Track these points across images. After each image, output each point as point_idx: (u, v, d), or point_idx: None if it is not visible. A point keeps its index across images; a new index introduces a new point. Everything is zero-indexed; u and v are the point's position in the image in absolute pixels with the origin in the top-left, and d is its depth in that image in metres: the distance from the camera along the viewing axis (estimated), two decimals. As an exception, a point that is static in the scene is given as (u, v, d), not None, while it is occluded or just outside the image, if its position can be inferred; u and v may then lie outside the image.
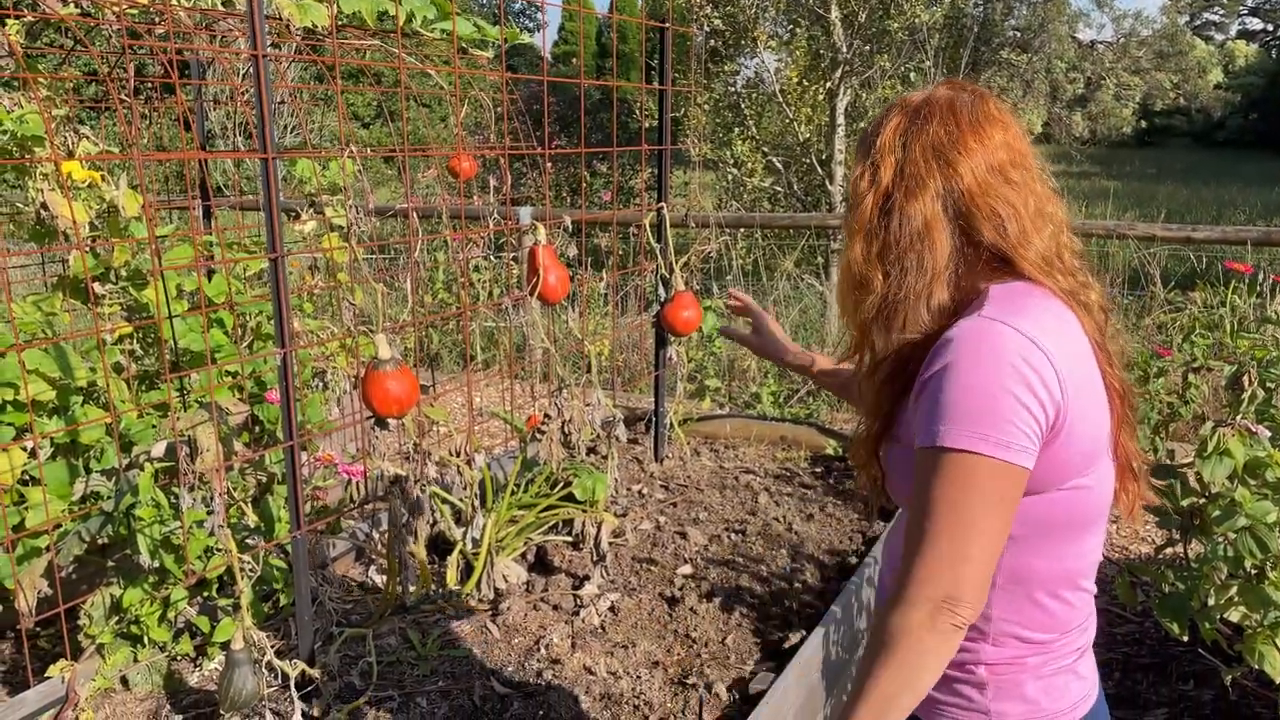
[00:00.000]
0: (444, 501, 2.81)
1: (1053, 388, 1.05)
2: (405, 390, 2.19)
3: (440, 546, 2.90)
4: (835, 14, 7.63)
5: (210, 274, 3.27)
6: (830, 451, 3.66)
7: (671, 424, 3.64)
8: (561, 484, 3.10)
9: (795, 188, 8.13)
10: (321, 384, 3.54)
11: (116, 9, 2.87)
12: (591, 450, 3.64)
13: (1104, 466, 1.16)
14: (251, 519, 2.39)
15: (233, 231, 3.83)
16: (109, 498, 2.30)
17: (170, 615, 2.24)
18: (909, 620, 1.04)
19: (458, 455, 2.75)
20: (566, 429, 2.92)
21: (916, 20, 7.43)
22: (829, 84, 7.75)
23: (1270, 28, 50.83)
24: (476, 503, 2.70)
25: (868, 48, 7.68)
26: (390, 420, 2.26)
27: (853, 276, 1.19)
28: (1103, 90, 30.04)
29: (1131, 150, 36.04)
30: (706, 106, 8.00)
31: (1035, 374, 1.04)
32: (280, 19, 3.10)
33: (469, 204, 5.61)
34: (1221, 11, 50.01)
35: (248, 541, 2.37)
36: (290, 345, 2.01)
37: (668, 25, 3.22)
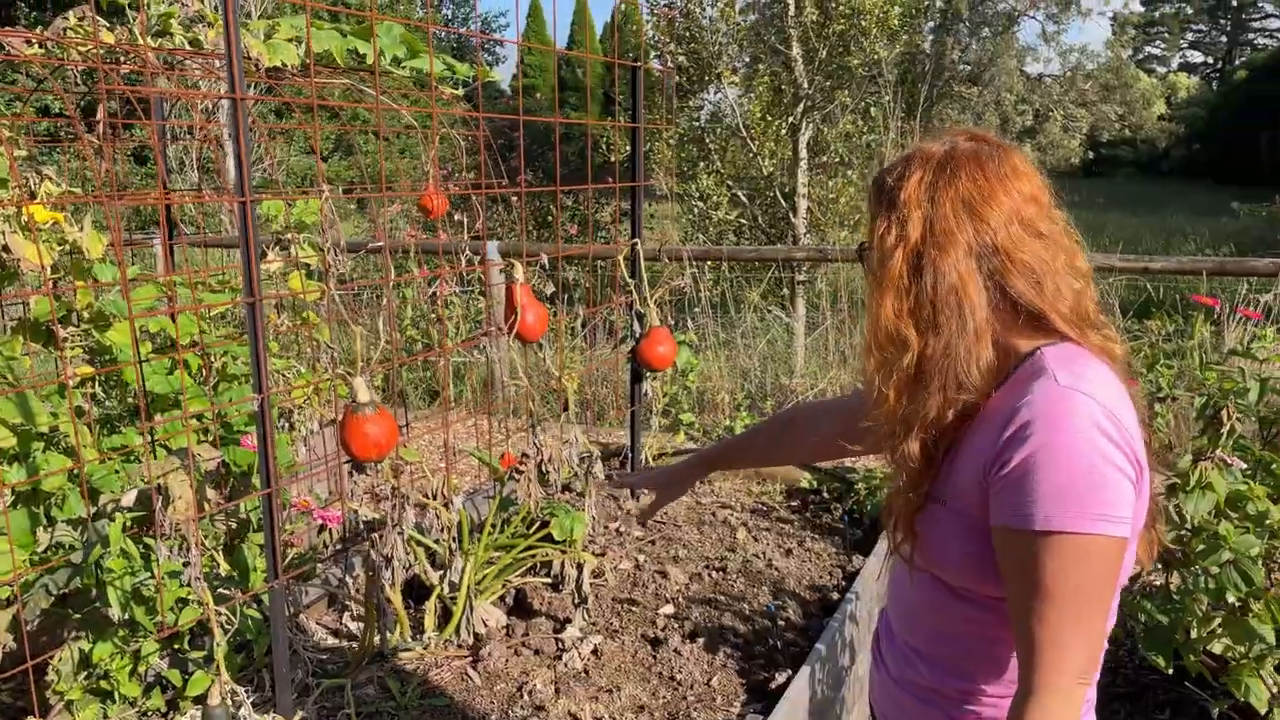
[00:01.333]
0: (419, 544, 2.77)
1: (1134, 454, 1.04)
2: (385, 433, 2.16)
3: (415, 591, 2.85)
4: (796, 50, 7.76)
5: (173, 315, 3.21)
6: (805, 485, 3.66)
7: (646, 459, 3.62)
8: (538, 523, 3.06)
9: (760, 220, 8.22)
10: (287, 425, 3.50)
11: (83, 49, 2.84)
12: (566, 488, 3.62)
13: None
14: (223, 568, 2.33)
15: (195, 271, 3.77)
16: (76, 548, 2.23)
17: (141, 669, 2.17)
18: (1053, 706, 1.04)
19: (433, 497, 2.71)
20: (544, 467, 2.89)
21: (876, 56, 7.58)
22: (791, 119, 7.87)
23: (1210, 60, 52.53)
24: (454, 545, 2.66)
25: (828, 83, 7.81)
26: (368, 464, 2.23)
27: (884, 333, 1.15)
28: (1050, 122, 30.77)
29: (1079, 180, 36.85)
30: (672, 141, 8.07)
31: (1124, 443, 1.03)
32: (250, 58, 3.08)
33: (434, 240, 5.59)
34: (1163, 45, 51.59)
35: (222, 592, 2.31)
36: (268, 390, 1.97)
37: (640, 64, 3.24)
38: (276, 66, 3.08)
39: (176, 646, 2.32)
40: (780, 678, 2.29)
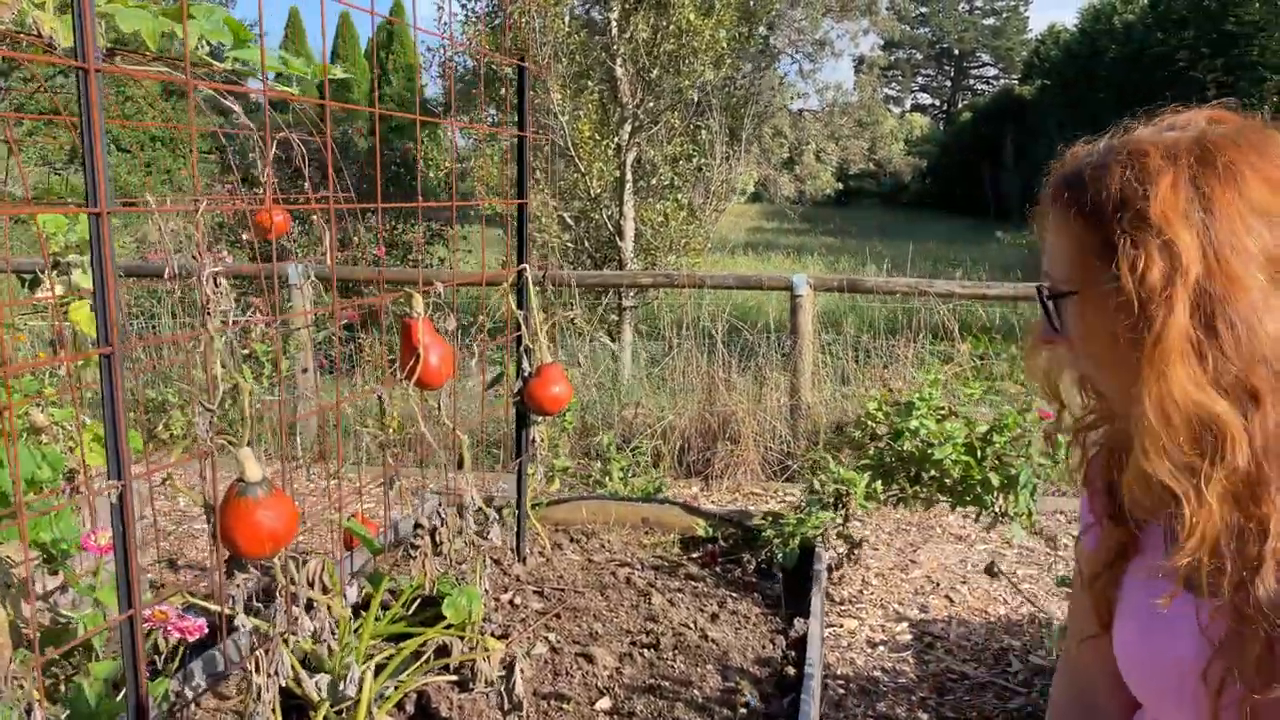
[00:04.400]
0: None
1: None
2: (282, 522, 1.64)
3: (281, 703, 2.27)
4: (620, 69, 7.52)
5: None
6: (701, 533, 3.34)
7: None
8: (418, 602, 2.57)
9: (586, 244, 7.89)
10: (70, 489, 2.86)
11: None
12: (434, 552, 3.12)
13: None
14: (47, 710, 1.70)
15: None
16: None
17: None
18: None
19: (311, 584, 2.16)
20: (438, 538, 2.42)
21: (704, 79, 7.48)
22: (617, 139, 7.61)
23: (938, 103, 57.86)
24: (341, 645, 2.13)
25: (652, 103, 7.62)
26: (252, 562, 1.70)
27: (1183, 419, 0.80)
28: (806, 154, 32.57)
29: (832, 209, 39.29)
30: (495, 158, 7.57)
31: None
32: (39, 36, 2.43)
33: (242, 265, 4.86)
34: (898, 87, 56.27)
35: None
36: (130, 476, 1.41)
37: (526, 64, 2.84)
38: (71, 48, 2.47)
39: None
40: (769, 783, 1.95)
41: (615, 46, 7.43)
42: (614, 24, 7.36)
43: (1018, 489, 3.04)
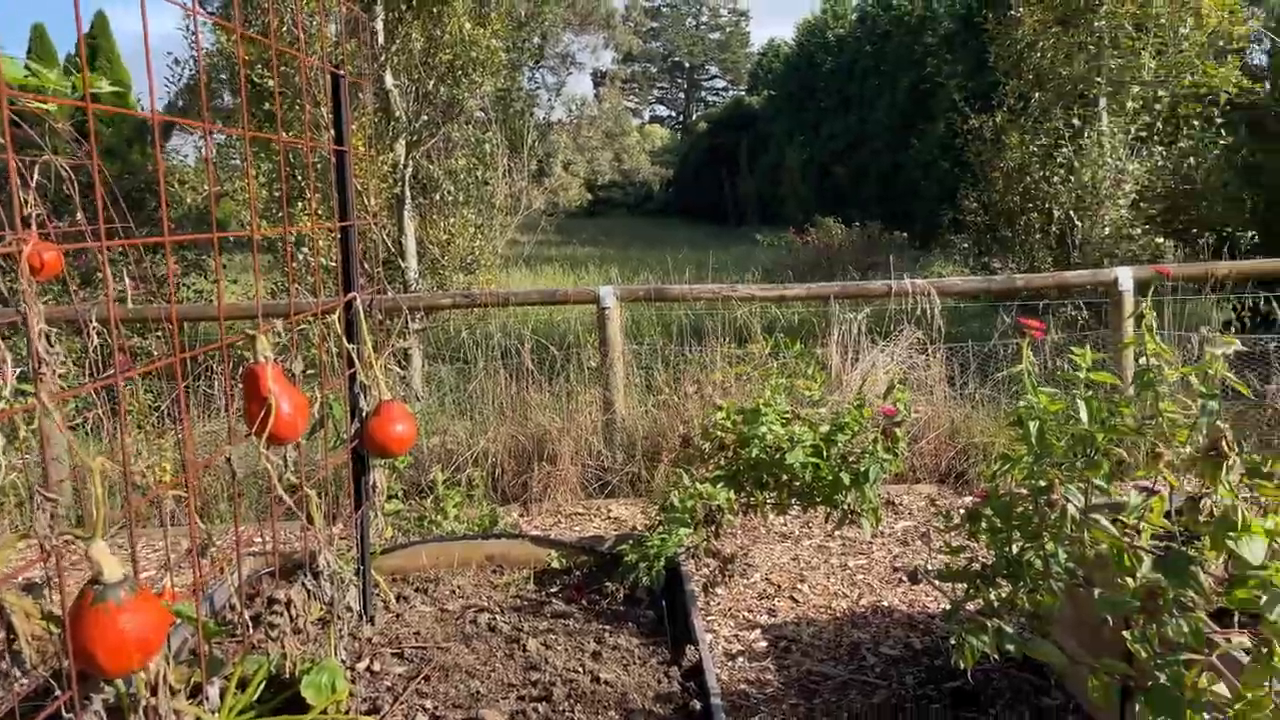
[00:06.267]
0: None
1: None
2: (151, 628, 1.34)
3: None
4: (390, 80, 7.11)
5: None
6: (556, 565, 3.17)
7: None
8: (260, 684, 2.25)
9: (365, 265, 7.39)
10: None
11: None
12: (257, 619, 2.75)
13: None
14: None
15: None
16: None
17: None
18: None
19: (154, 690, 1.80)
20: (293, 611, 2.12)
21: (483, 90, 7.21)
22: (393, 154, 7.18)
23: (674, 114, 60.12)
24: (203, 758, 1.80)
25: (427, 117, 7.25)
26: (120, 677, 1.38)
27: None
28: (554, 166, 32.89)
29: (583, 219, 39.79)
30: (262, 179, 6.89)
31: None
32: None
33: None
34: (635, 99, 57.96)
35: None
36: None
37: (342, 73, 2.56)
38: None
39: None
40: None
41: (384, 57, 7.03)
42: (380, 32, 6.97)
43: (866, 486, 3.09)
